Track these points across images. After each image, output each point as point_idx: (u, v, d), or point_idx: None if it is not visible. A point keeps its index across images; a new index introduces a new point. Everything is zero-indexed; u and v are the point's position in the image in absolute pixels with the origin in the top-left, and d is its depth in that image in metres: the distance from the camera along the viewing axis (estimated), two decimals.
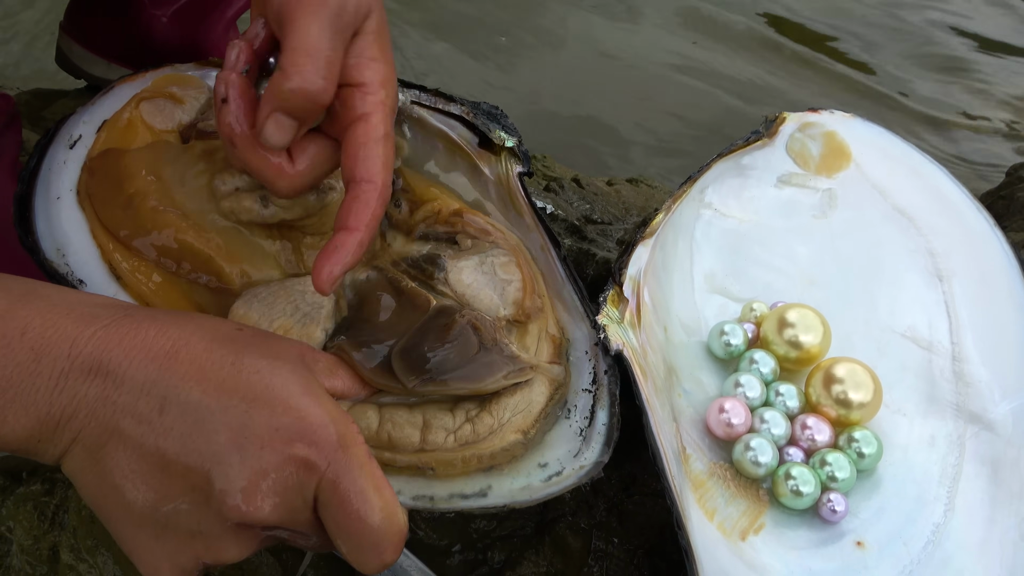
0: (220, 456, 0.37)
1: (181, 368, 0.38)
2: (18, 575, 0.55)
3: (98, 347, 0.37)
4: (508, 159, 0.58)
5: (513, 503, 0.46)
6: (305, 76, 0.42)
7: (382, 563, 0.39)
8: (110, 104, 0.56)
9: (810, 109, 0.68)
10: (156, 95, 0.56)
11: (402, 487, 0.46)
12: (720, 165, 0.64)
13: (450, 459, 0.47)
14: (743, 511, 0.50)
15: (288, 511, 0.38)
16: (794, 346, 0.56)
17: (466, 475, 0.47)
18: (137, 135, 0.53)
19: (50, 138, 0.54)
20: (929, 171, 0.64)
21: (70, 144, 0.54)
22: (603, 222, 0.69)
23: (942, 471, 0.52)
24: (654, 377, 0.53)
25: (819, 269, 0.63)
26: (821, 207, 0.65)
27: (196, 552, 0.38)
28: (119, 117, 0.54)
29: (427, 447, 0.47)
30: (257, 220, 0.52)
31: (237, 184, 0.52)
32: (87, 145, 0.54)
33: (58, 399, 0.37)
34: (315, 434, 0.38)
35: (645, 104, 1.44)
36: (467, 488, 0.47)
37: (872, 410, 0.53)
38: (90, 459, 0.37)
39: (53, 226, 0.51)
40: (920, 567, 0.48)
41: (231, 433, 0.37)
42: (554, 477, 0.48)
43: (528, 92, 1.43)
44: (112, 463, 0.37)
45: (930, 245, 0.61)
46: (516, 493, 0.47)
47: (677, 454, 0.50)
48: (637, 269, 0.56)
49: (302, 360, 0.42)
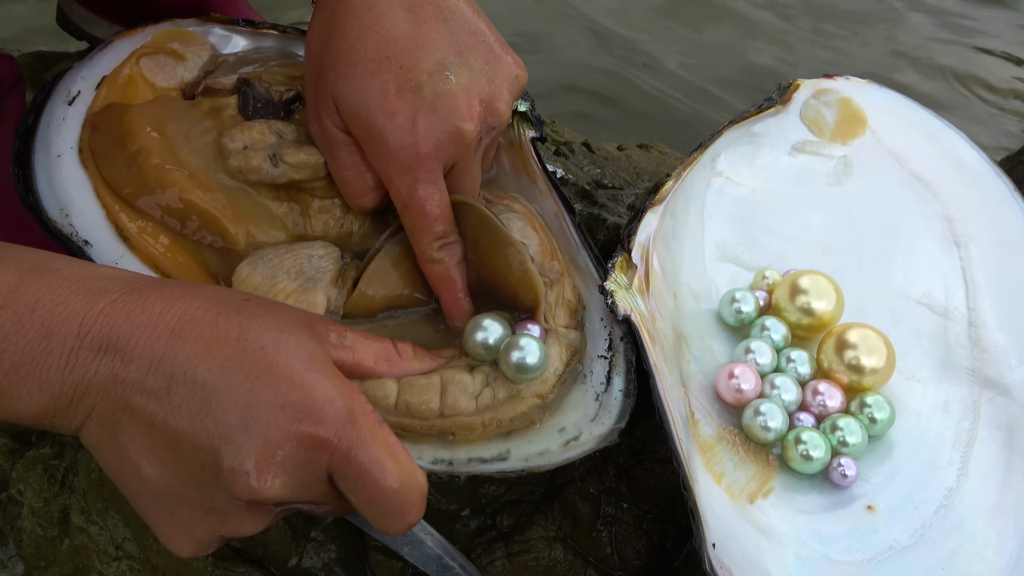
0: (228, 435, 0.37)
1: (187, 346, 0.38)
2: (29, 537, 0.55)
3: (106, 324, 0.37)
4: (520, 124, 0.58)
5: (531, 467, 0.46)
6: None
7: (407, 524, 0.40)
8: (108, 60, 0.55)
9: (825, 75, 0.66)
10: (157, 51, 0.55)
11: (421, 452, 0.46)
12: (732, 132, 0.63)
13: (470, 423, 0.47)
14: (752, 475, 0.49)
15: (299, 487, 0.38)
16: (806, 313, 0.55)
17: (485, 440, 0.47)
18: (138, 92, 0.52)
19: (47, 94, 0.53)
20: (947, 136, 0.63)
21: (68, 100, 0.53)
22: (614, 187, 0.68)
23: (956, 436, 0.51)
24: (663, 343, 0.52)
25: (833, 237, 0.62)
26: (836, 175, 0.64)
27: (212, 526, 0.38)
28: (119, 73, 0.53)
29: (447, 412, 0.47)
30: (265, 180, 0.51)
31: (246, 142, 0.51)
32: (86, 102, 0.53)
33: (69, 377, 0.37)
34: (322, 411, 0.38)
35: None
36: (486, 452, 0.46)
37: (885, 376, 0.52)
38: (106, 435, 0.38)
39: (55, 185, 0.50)
40: (931, 531, 0.47)
41: (238, 412, 0.37)
42: (572, 442, 0.48)
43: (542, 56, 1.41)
44: (127, 439, 0.37)
45: (947, 211, 0.60)
46: (534, 458, 0.47)
47: (685, 418, 0.50)
48: (646, 235, 0.56)
49: (310, 331, 0.42)
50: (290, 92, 0.55)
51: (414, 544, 0.53)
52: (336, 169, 0.51)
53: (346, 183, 0.51)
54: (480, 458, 0.46)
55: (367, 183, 0.51)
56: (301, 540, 0.54)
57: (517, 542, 0.54)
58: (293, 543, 0.53)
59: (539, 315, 0.50)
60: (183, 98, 0.54)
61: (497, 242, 0.51)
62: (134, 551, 0.54)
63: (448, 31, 0.49)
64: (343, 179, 0.51)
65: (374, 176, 0.50)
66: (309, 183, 0.52)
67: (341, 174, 0.51)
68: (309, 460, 0.38)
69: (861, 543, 0.47)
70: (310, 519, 0.54)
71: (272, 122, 0.53)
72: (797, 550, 0.46)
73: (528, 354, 0.47)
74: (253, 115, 0.54)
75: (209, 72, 0.56)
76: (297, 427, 0.37)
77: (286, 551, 0.53)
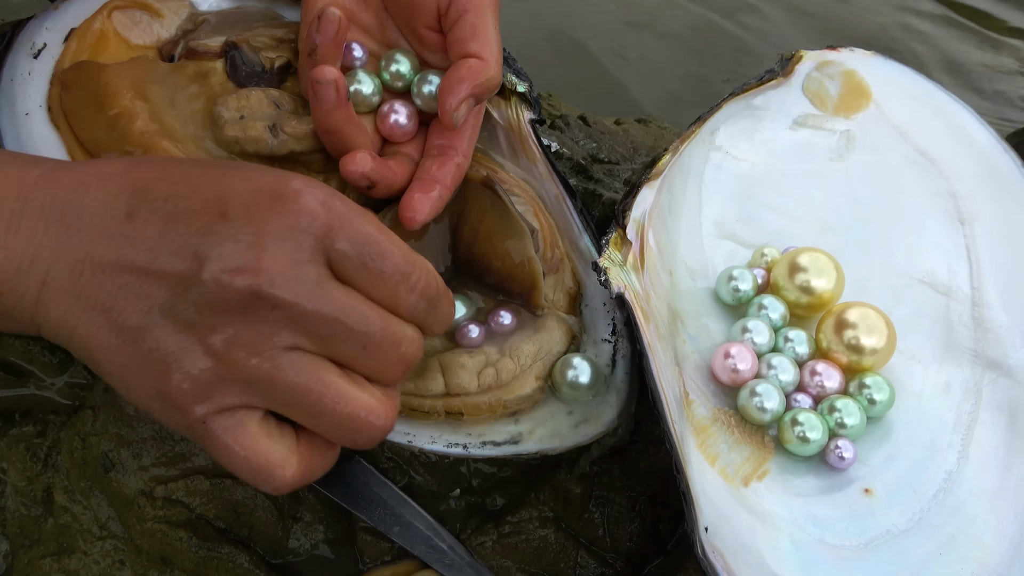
0: (207, 234, 0.33)
1: (142, 173, 0.35)
2: (13, 516, 0.55)
3: (50, 182, 0.35)
4: (518, 104, 0.56)
5: (544, 450, 0.46)
6: (495, 68, 0.49)
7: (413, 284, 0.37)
8: (76, 10, 0.52)
9: (828, 47, 0.64)
10: (131, 4, 0.52)
11: (435, 435, 0.46)
12: (731, 105, 0.61)
13: (477, 403, 0.47)
14: (747, 457, 0.48)
15: (295, 275, 0.34)
16: (805, 291, 0.54)
17: (495, 420, 0.47)
18: (109, 47, 0.50)
19: (8, 44, 0.49)
20: (953, 111, 0.61)
21: (33, 53, 0.50)
22: (610, 162, 0.67)
23: (957, 418, 0.50)
24: (657, 322, 0.51)
25: (835, 214, 0.60)
26: (838, 150, 0.62)
27: (203, 348, 0.34)
28: (89, 27, 0.51)
29: (452, 389, 0.47)
30: (264, 151, 0.49)
31: (243, 111, 0.49)
32: (54, 56, 0.50)
33: (14, 242, 0.34)
34: (300, 193, 0.34)
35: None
36: (498, 436, 0.46)
37: (885, 356, 0.51)
38: (69, 297, 0.34)
39: (24, 145, 0.47)
40: (930, 515, 0.46)
41: (210, 208, 0.33)
42: (582, 424, 0.48)
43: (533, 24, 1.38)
44: (96, 289, 0.34)
45: (952, 188, 0.58)
46: (546, 439, 0.47)
47: (679, 399, 0.49)
48: (642, 212, 0.54)
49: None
50: (282, 59, 0.53)
51: (403, 525, 0.52)
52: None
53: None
54: (493, 441, 0.46)
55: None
56: (288, 521, 0.53)
57: (508, 523, 0.53)
58: (279, 523, 0.53)
59: (537, 300, 0.51)
60: (160, 58, 0.52)
61: (505, 229, 0.50)
62: (118, 531, 0.53)
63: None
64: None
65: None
66: (308, 155, 0.51)
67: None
68: (299, 244, 0.34)
69: (858, 527, 0.46)
70: (296, 498, 0.53)
71: (268, 90, 0.51)
72: (792, 534, 0.45)
73: (581, 373, 0.49)
74: (245, 82, 0.52)
75: (188, 32, 0.53)
76: (280, 206, 0.34)
77: (272, 532, 0.52)
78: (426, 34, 0.52)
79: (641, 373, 0.48)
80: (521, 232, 0.50)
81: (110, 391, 0.54)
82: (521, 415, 0.48)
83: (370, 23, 0.53)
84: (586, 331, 0.52)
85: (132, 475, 0.52)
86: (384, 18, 0.53)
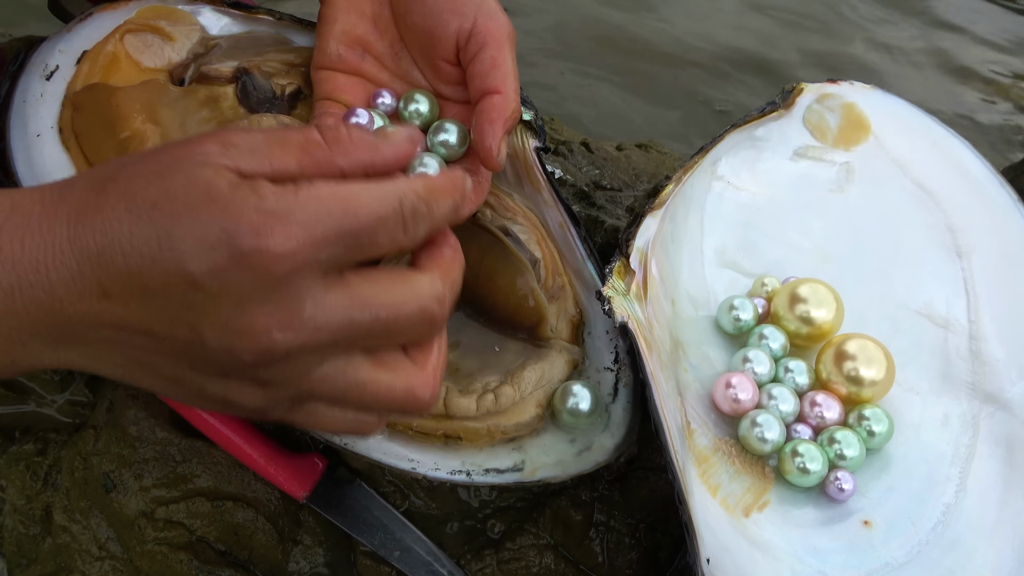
0: (189, 307, 0.31)
1: (86, 240, 0.31)
2: (10, 534, 0.54)
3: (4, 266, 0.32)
4: (524, 132, 0.57)
5: (547, 478, 0.46)
6: (516, 100, 0.49)
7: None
8: (88, 33, 0.52)
9: (829, 80, 0.65)
10: (142, 28, 0.52)
11: (438, 462, 0.46)
12: (733, 136, 0.62)
13: (475, 429, 0.47)
14: (747, 487, 0.49)
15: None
16: (805, 322, 0.54)
17: (493, 447, 0.47)
18: (121, 70, 0.50)
19: (20, 65, 0.50)
20: (951, 144, 0.62)
21: (46, 75, 0.50)
22: (612, 188, 0.68)
23: (955, 451, 0.50)
24: (659, 351, 0.52)
25: (834, 245, 0.61)
26: (838, 181, 0.63)
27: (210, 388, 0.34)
28: (101, 49, 0.51)
29: (451, 413, 0.47)
30: None
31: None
32: (66, 78, 0.50)
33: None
34: (258, 250, 0.31)
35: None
36: (501, 464, 0.47)
37: (884, 388, 0.51)
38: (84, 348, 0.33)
39: (35, 166, 0.48)
40: (929, 547, 0.47)
41: (176, 281, 0.31)
42: (584, 452, 0.48)
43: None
44: (114, 352, 0.33)
45: (950, 220, 0.59)
46: (549, 468, 0.47)
47: (681, 428, 0.49)
48: (645, 241, 0.55)
49: (200, 161, 0.32)
50: (292, 85, 0.54)
51: (404, 550, 0.52)
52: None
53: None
54: (496, 469, 0.46)
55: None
56: (288, 544, 0.53)
57: (507, 549, 0.53)
58: (279, 546, 0.53)
59: (543, 333, 0.52)
60: (171, 81, 0.52)
61: (506, 268, 0.51)
62: (117, 551, 0.53)
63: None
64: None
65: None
66: None
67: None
68: (281, 292, 0.32)
69: (857, 559, 0.46)
70: (296, 521, 0.53)
71: (279, 116, 0.52)
72: (792, 565, 0.45)
73: (581, 400, 0.49)
74: (256, 107, 0.52)
75: (199, 56, 0.54)
76: (243, 263, 0.31)
77: (272, 554, 0.52)
78: (443, 67, 0.52)
79: (643, 402, 0.49)
80: (523, 269, 0.50)
81: (112, 411, 0.54)
82: (522, 441, 0.48)
83: (384, 52, 0.54)
84: (588, 359, 0.53)
85: (133, 496, 0.52)
86: (399, 48, 0.54)
